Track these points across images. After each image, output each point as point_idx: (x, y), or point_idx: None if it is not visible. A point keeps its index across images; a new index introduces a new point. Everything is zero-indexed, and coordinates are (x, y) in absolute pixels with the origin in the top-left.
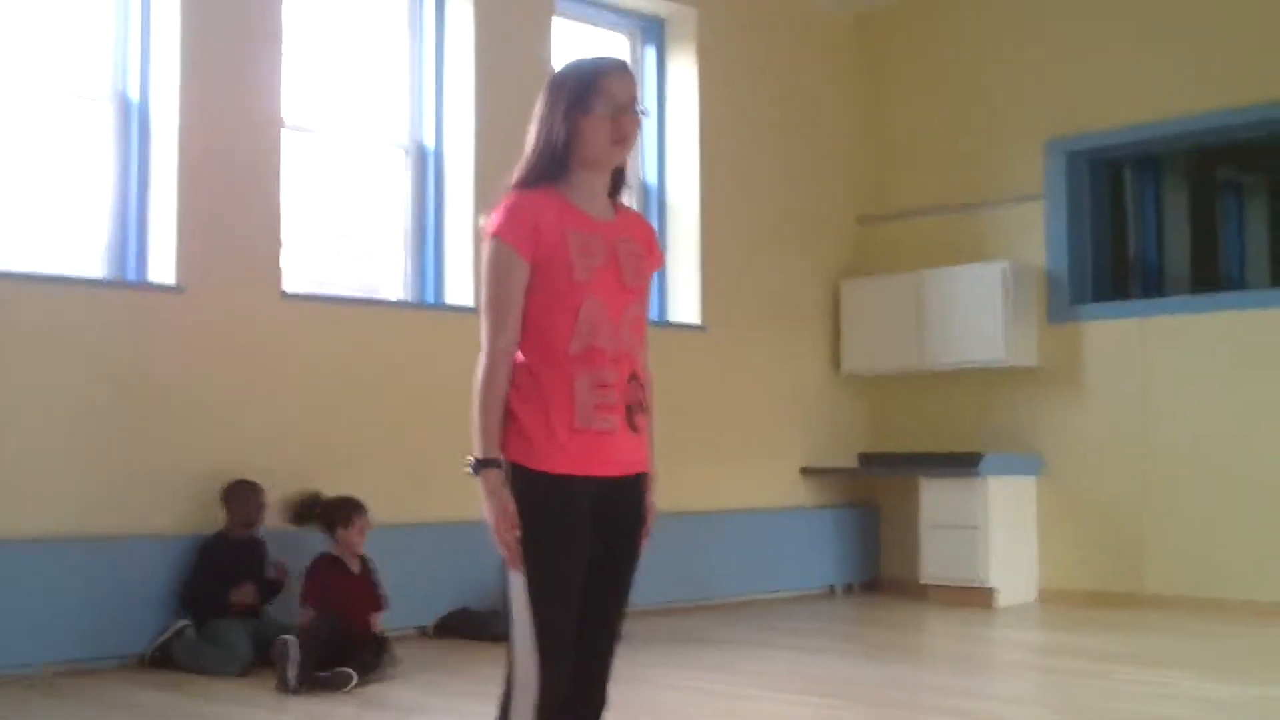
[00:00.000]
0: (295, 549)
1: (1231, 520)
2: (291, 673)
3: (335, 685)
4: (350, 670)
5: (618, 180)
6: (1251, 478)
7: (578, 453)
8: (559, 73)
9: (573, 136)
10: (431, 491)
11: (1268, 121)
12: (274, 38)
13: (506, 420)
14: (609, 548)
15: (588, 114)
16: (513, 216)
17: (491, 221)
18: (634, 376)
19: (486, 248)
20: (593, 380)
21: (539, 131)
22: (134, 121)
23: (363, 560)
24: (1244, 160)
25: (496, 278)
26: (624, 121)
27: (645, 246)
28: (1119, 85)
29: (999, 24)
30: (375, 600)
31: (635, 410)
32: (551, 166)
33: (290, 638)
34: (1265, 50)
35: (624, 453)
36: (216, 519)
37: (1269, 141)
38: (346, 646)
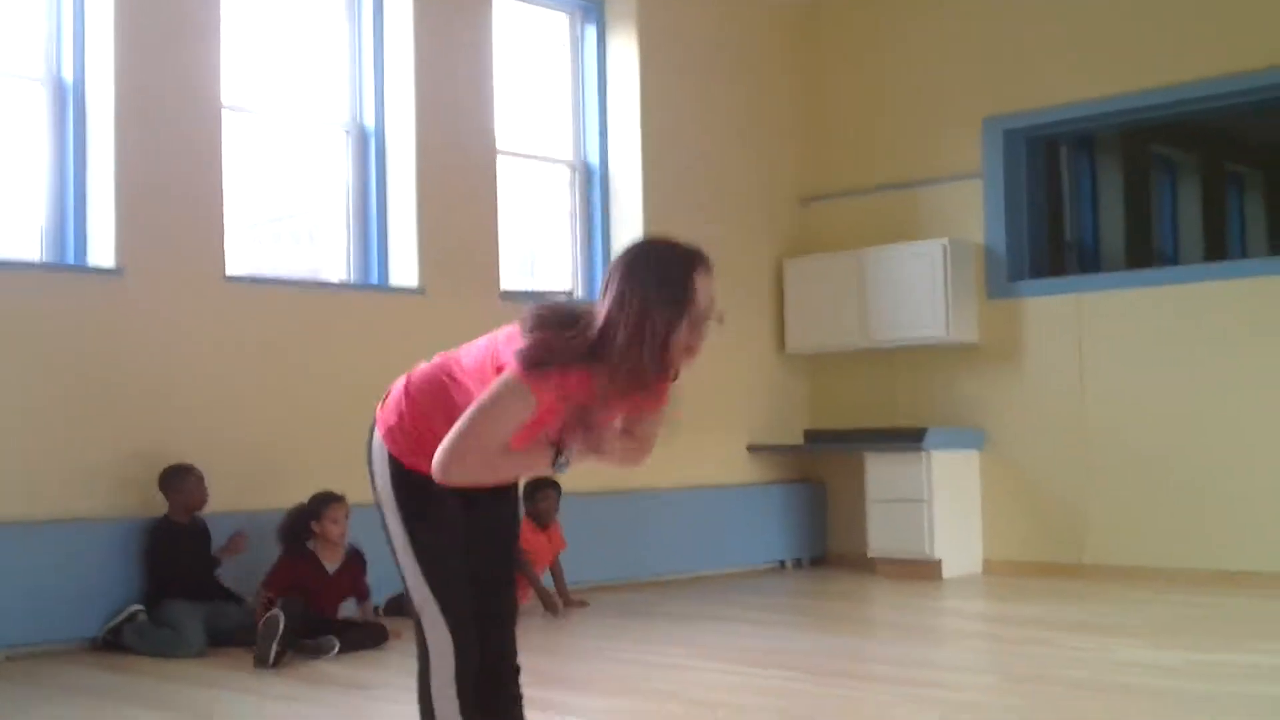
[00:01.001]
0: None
1: (1167, 491)
2: (273, 650)
3: (319, 651)
4: (333, 637)
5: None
6: (1186, 450)
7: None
8: (654, 257)
9: (667, 334)
10: None
11: (1200, 99)
12: (212, 18)
13: (401, 416)
14: (482, 529)
15: (684, 320)
16: (554, 381)
17: (531, 367)
18: None
19: (514, 382)
20: None
21: (627, 319)
22: (70, 103)
23: (349, 554)
24: (1177, 138)
25: (498, 415)
26: (702, 334)
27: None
28: (1054, 64)
29: (938, 5)
30: (355, 591)
31: None
32: (625, 363)
33: (279, 613)
34: (1198, 30)
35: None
36: (158, 503)
37: (1201, 119)
38: (315, 626)
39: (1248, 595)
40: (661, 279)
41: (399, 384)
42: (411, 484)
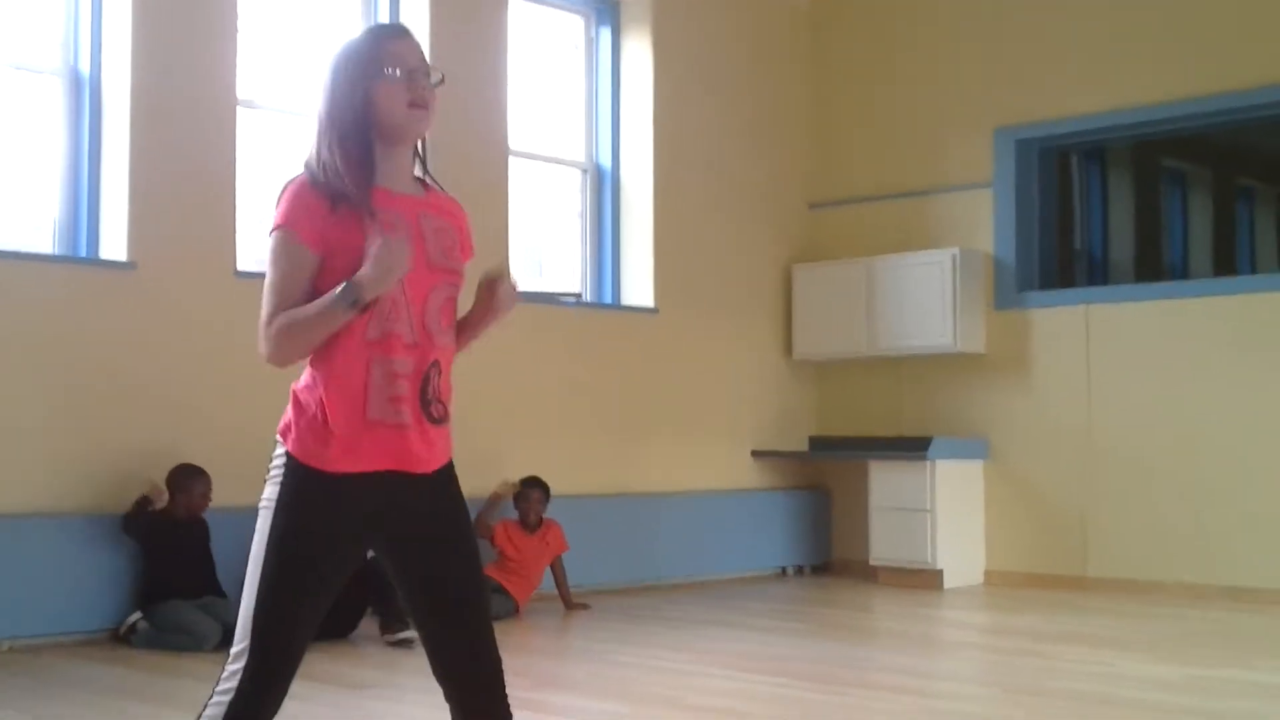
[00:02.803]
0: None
1: (1172, 505)
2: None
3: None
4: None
5: (420, 157)
6: (1190, 464)
7: (369, 447)
8: (337, 51)
9: (367, 107)
10: None
11: (1211, 113)
12: (229, 13)
13: (294, 409)
14: (425, 540)
15: (379, 80)
16: (296, 203)
17: (277, 211)
18: (437, 365)
19: (270, 239)
20: (387, 369)
21: (327, 110)
22: (85, 96)
23: None
24: (1188, 152)
25: (280, 268)
26: (419, 85)
27: (458, 230)
28: (1067, 76)
29: (952, 13)
30: None
31: (434, 402)
32: (345, 144)
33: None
34: (1210, 44)
35: (419, 448)
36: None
37: (1213, 133)
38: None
39: (1252, 611)
40: (345, 57)
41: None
42: (301, 485)
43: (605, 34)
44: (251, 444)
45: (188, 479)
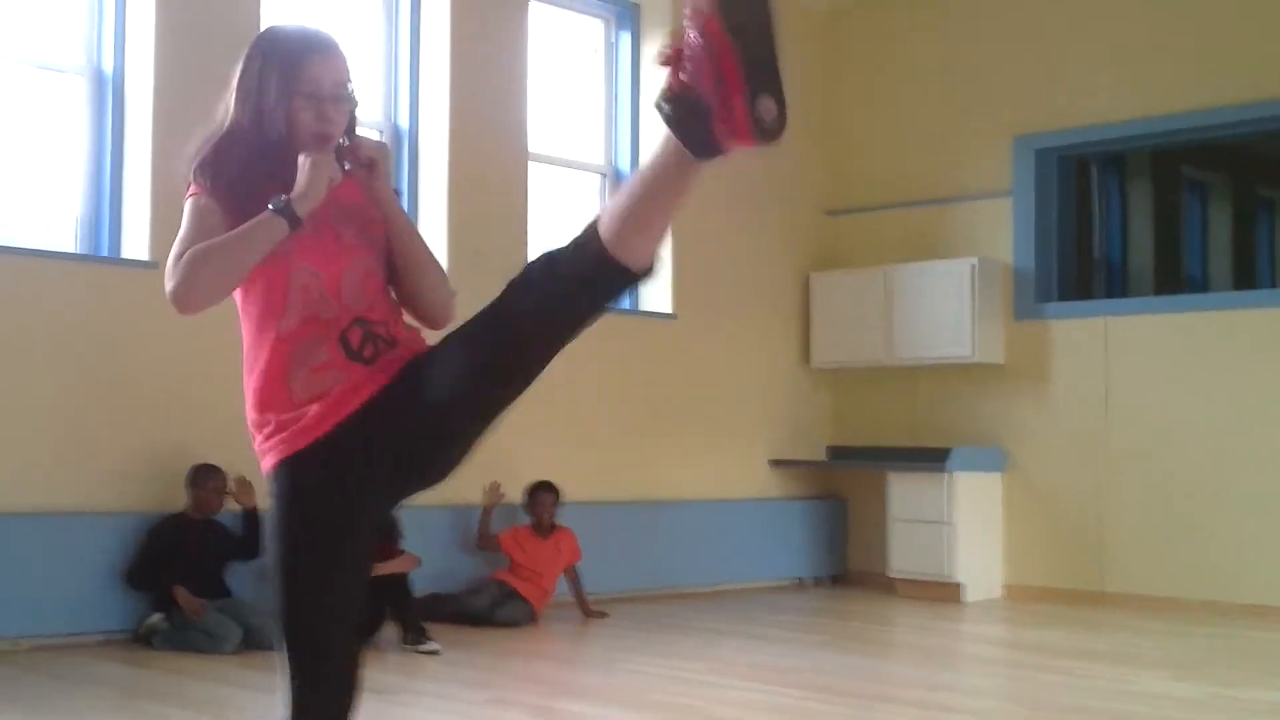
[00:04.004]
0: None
1: (1191, 520)
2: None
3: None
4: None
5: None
6: (1210, 478)
7: (308, 420)
8: (267, 37)
9: (286, 124)
10: None
11: (1232, 123)
12: (251, 16)
13: (249, 418)
14: (404, 410)
15: (294, 98)
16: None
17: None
18: (360, 321)
19: (186, 204)
20: (305, 349)
21: (245, 102)
22: (109, 94)
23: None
24: (1208, 161)
25: (189, 224)
26: (326, 117)
27: (369, 199)
28: (1087, 84)
29: (970, 20)
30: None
31: (365, 345)
32: (267, 147)
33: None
34: (1230, 53)
35: (356, 385)
36: (183, 497)
37: (1234, 143)
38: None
39: (1273, 629)
40: (271, 56)
41: None
42: (294, 480)
43: (625, 38)
44: None
45: (203, 477)
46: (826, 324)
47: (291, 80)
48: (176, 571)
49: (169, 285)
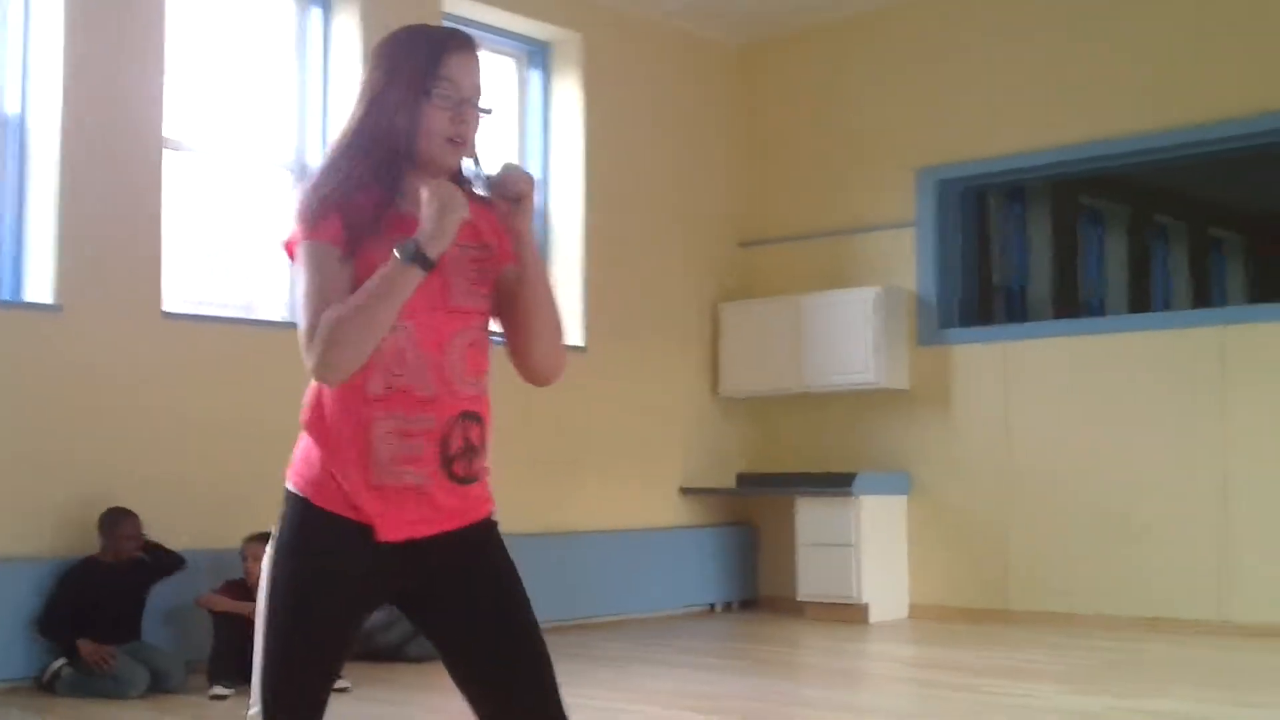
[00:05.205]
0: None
1: (1091, 538)
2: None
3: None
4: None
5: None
6: (1105, 497)
7: (377, 512)
8: (400, 33)
9: (415, 127)
10: None
11: (1127, 154)
12: (156, 54)
13: (303, 441)
14: (471, 602)
15: (427, 101)
16: (309, 212)
17: (294, 229)
18: (467, 417)
19: (300, 249)
20: (395, 428)
21: (369, 101)
22: (13, 137)
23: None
24: (1106, 191)
25: (311, 278)
26: (465, 119)
27: (488, 242)
28: (986, 118)
29: (876, 57)
30: None
31: (457, 459)
32: (384, 162)
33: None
34: (1126, 85)
35: (440, 508)
36: (94, 542)
37: (1130, 173)
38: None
39: (1169, 641)
40: (400, 59)
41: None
42: (307, 525)
43: (536, 76)
44: (181, 487)
45: (111, 521)
46: (736, 353)
47: (427, 76)
48: (87, 618)
49: (310, 363)
